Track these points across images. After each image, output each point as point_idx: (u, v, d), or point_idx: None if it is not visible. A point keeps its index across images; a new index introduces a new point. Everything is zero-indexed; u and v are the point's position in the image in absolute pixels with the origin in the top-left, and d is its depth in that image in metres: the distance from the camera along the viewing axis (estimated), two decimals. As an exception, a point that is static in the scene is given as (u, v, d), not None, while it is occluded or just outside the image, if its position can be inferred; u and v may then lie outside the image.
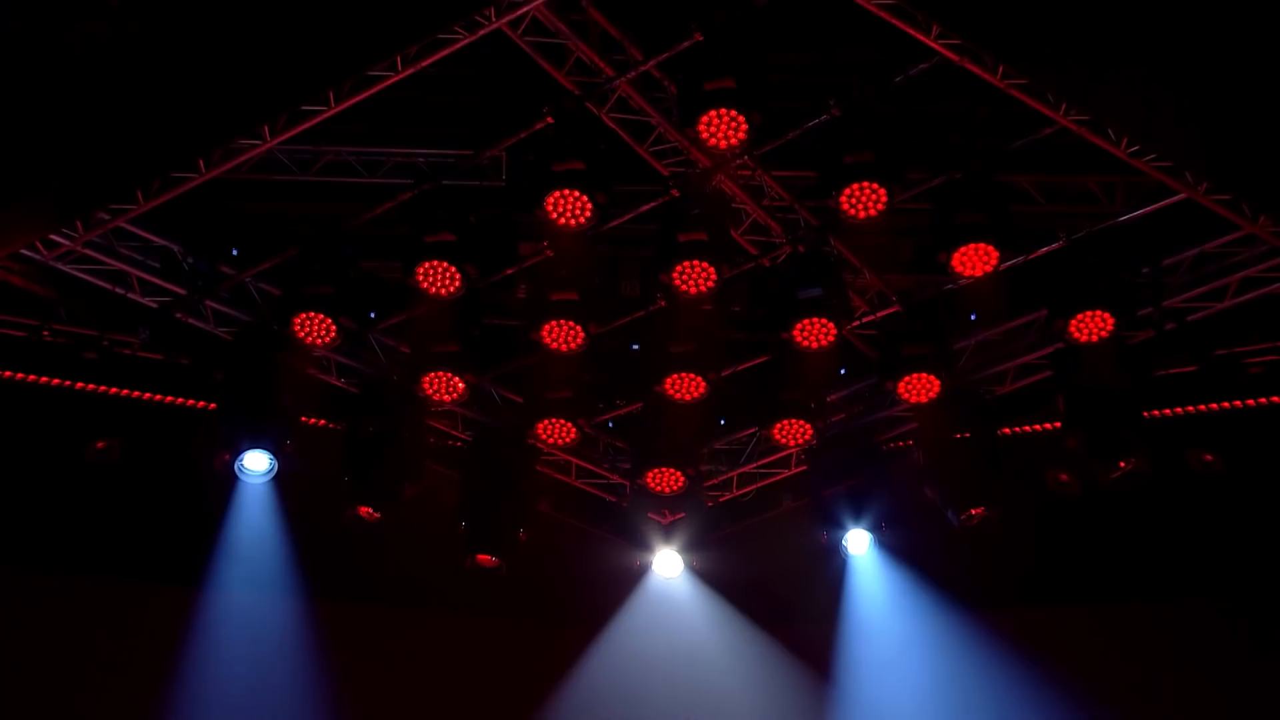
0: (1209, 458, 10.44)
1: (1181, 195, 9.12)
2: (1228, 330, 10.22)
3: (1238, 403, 10.53)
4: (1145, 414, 9.99)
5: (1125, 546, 11.65)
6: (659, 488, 10.99)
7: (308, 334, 9.62)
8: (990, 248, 9.03)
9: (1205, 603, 11.71)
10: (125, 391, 10.71)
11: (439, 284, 9.40)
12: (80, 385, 10.61)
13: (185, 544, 11.45)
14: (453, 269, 9.31)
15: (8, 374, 10.43)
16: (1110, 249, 9.43)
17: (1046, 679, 11.74)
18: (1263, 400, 10.50)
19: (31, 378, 10.47)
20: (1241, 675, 11.56)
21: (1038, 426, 11.03)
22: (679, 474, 10.87)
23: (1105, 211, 9.66)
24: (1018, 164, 9.62)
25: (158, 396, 10.81)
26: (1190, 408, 10.66)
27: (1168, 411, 10.67)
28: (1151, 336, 10.00)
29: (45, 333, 10.31)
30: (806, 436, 10.58)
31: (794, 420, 10.42)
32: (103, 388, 10.67)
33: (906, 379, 9.97)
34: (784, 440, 10.69)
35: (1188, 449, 10.58)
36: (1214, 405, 10.61)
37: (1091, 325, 9.38)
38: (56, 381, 10.53)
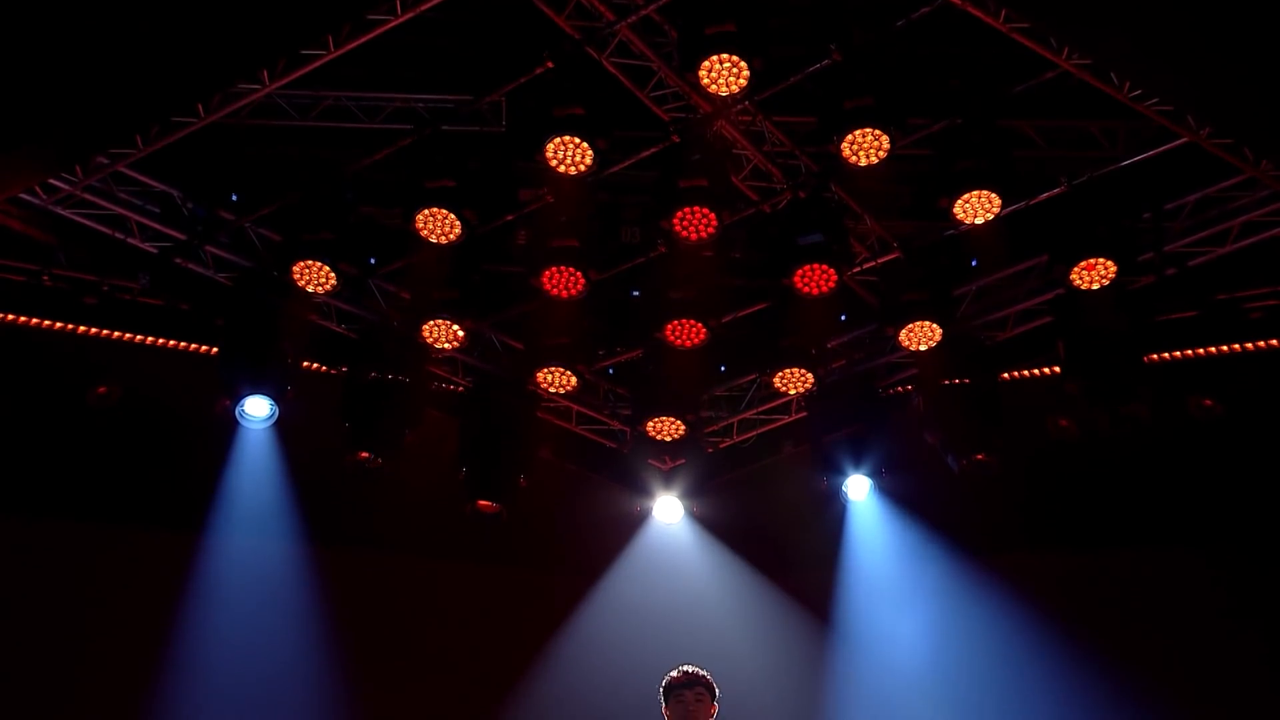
0: (1209, 403, 10.44)
1: (1183, 140, 9.10)
2: (1229, 275, 10.21)
3: (1237, 346, 10.52)
4: (1145, 359, 9.96)
5: (1124, 492, 11.68)
6: (659, 436, 11.03)
7: (307, 281, 9.63)
8: (992, 194, 9.03)
9: (1202, 549, 11.75)
10: (126, 336, 10.69)
11: (439, 231, 9.41)
12: (81, 329, 10.60)
13: (186, 489, 11.48)
14: (452, 216, 9.32)
15: (8, 318, 10.42)
16: (1112, 194, 9.42)
17: (1045, 624, 11.77)
18: (1263, 344, 10.49)
19: (33, 321, 10.46)
20: (1238, 621, 11.60)
21: (1038, 372, 11.03)
22: (679, 422, 10.89)
23: (1107, 156, 9.59)
24: (1019, 109, 9.55)
25: (158, 341, 10.80)
26: (1190, 352, 10.65)
27: (1168, 356, 10.66)
28: (1152, 282, 9.99)
29: (45, 278, 10.30)
30: (808, 385, 10.60)
31: (795, 369, 10.44)
32: (103, 332, 10.65)
33: (907, 325, 9.99)
34: (785, 388, 10.73)
35: (1188, 394, 10.57)
36: (1214, 349, 10.60)
37: (1093, 272, 9.39)
38: (57, 325, 10.52)
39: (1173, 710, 11.36)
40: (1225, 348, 10.50)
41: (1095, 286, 9.49)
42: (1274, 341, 10.45)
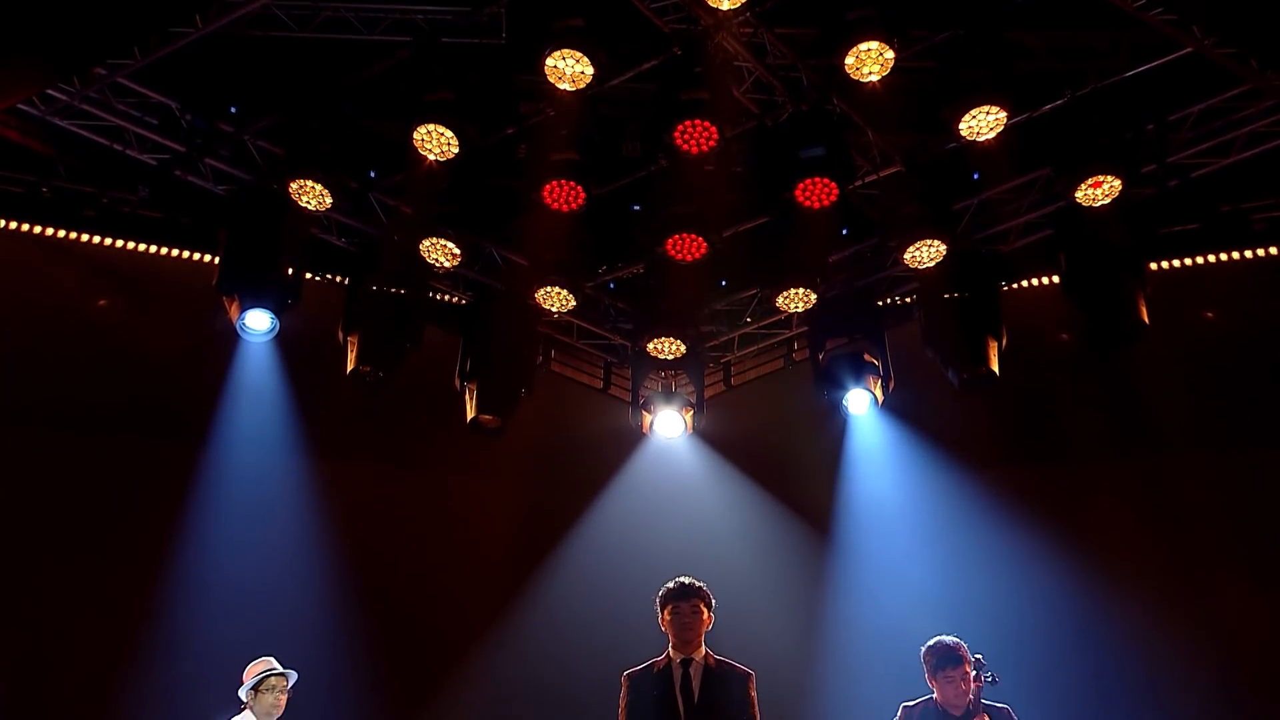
0: (1209, 315, 10.44)
1: (1188, 50, 9.04)
2: (1232, 186, 10.17)
3: (1238, 255, 10.50)
4: (1146, 271, 9.93)
5: (1125, 403, 11.74)
6: (660, 355, 11.04)
7: (305, 197, 9.60)
8: (996, 108, 8.97)
9: (1199, 457, 11.83)
10: (127, 244, 10.68)
11: (438, 147, 9.36)
12: (81, 237, 10.59)
13: (188, 402, 11.55)
14: (451, 134, 9.26)
15: (10, 225, 10.41)
16: (1115, 106, 9.36)
17: (1041, 535, 11.87)
18: (1264, 253, 10.48)
19: (35, 229, 10.45)
20: (1233, 528, 11.69)
21: (1038, 284, 11.02)
22: (679, 342, 10.90)
23: (1111, 67, 9.53)
24: (1023, 20, 9.49)
25: (159, 249, 10.79)
26: (1192, 261, 10.63)
27: (1168, 266, 10.65)
28: (1155, 194, 9.94)
29: (44, 189, 10.28)
30: (810, 304, 10.59)
31: (797, 288, 10.42)
32: (105, 240, 10.64)
33: (908, 239, 9.96)
34: (787, 307, 10.71)
35: (1188, 306, 10.57)
36: (1215, 259, 10.59)
37: (1098, 189, 9.35)
38: (58, 234, 10.51)
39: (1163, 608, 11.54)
40: (1226, 256, 10.49)
41: (1099, 202, 9.44)
42: (1276, 250, 10.45)
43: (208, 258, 10.79)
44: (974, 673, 7.78)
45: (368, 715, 11.62)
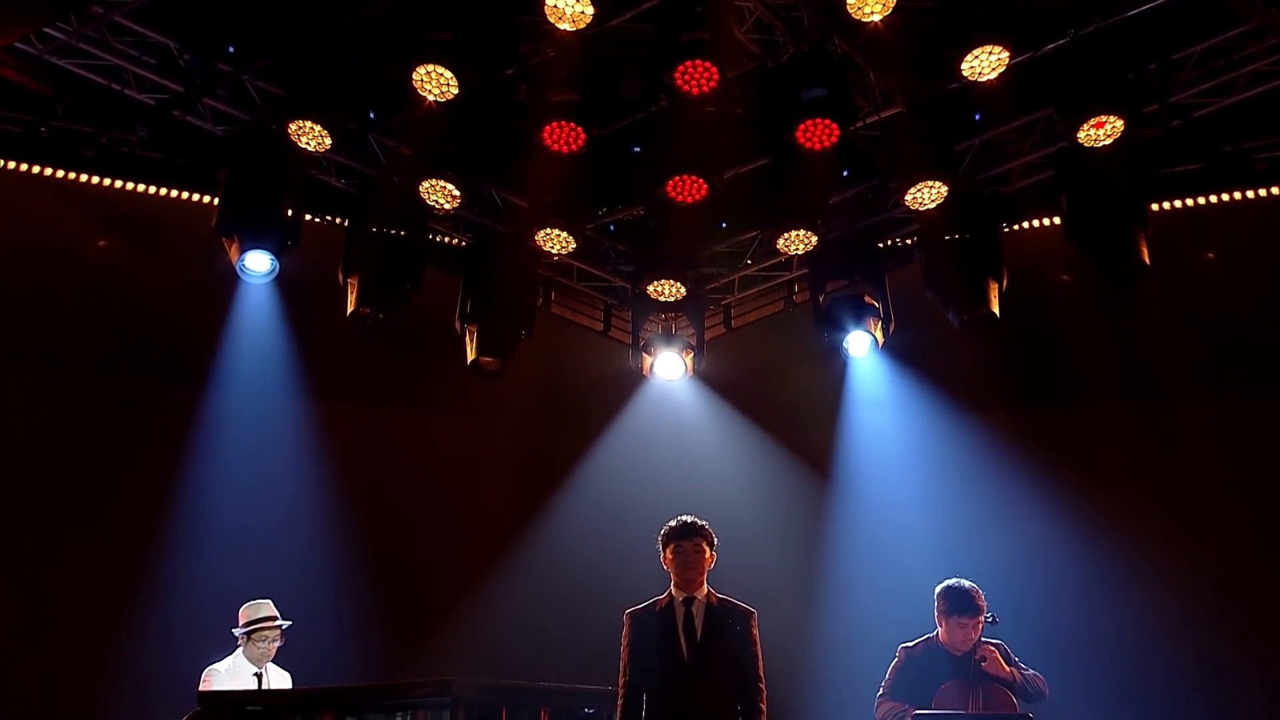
0: (1210, 255, 10.42)
1: (1191, -13, 8.99)
2: (1234, 125, 10.13)
3: (1239, 195, 10.47)
4: (1148, 211, 9.90)
5: (1125, 344, 11.75)
6: (660, 297, 11.04)
7: (305, 138, 9.57)
8: (998, 48, 8.92)
9: (1198, 397, 11.86)
10: (126, 184, 10.64)
11: (437, 88, 9.32)
12: (80, 178, 10.55)
13: (188, 343, 11.57)
14: (450, 75, 9.22)
15: (9, 165, 10.37)
16: (1118, 45, 9.29)
17: (1040, 475, 11.91)
18: (1266, 193, 10.44)
19: (34, 169, 10.41)
20: (1231, 467, 11.74)
21: (1040, 225, 11.00)
22: (679, 284, 10.89)
23: (1113, 6, 9.45)
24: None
25: (158, 190, 10.75)
26: (1193, 201, 10.60)
27: (1169, 207, 10.62)
28: (1157, 134, 9.90)
29: (43, 129, 10.23)
30: (810, 245, 10.57)
31: (798, 231, 10.40)
32: (104, 180, 10.60)
33: (909, 180, 9.94)
34: (788, 249, 10.70)
35: (1189, 247, 10.55)
36: (1216, 199, 10.55)
37: (1100, 130, 9.30)
38: (57, 174, 10.47)
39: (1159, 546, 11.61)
40: (1229, 196, 10.45)
41: (1102, 144, 9.41)
42: (1277, 190, 10.41)
43: (207, 199, 10.73)
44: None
45: (365, 655, 11.68)
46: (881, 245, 11.23)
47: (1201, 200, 10.59)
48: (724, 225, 11.55)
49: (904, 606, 8.93)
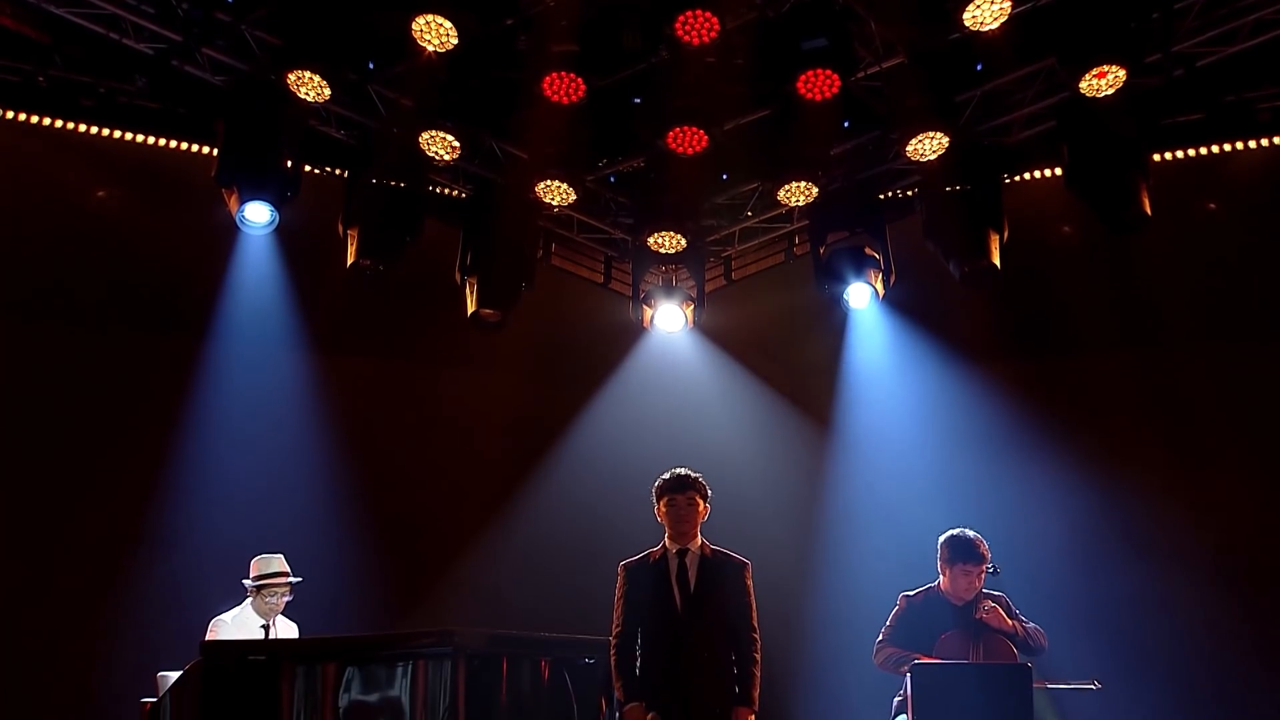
0: (1212, 206, 10.39)
1: (1195, -66, 8.92)
2: (1237, 75, 10.07)
3: (1242, 145, 10.42)
4: (1149, 162, 9.87)
5: (1126, 295, 11.75)
6: (660, 249, 11.02)
7: (304, 89, 9.53)
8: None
9: (1200, 348, 11.87)
10: (124, 134, 10.60)
11: (436, 39, 9.28)
12: (79, 127, 10.51)
13: (187, 295, 11.57)
14: (450, 25, 9.18)
15: (6, 114, 10.33)
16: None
17: (1042, 426, 11.93)
18: (1268, 143, 10.39)
19: (32, 118, 10.38)
20: (1233, 417, 11.76)
21: (1041, 177, 10.96)
22: (679, 236, 10.88)
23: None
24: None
25: (157, 140, 10.71)
26: (1195, 151, 10.56)
27: (1171, 157, 10.58)
28: (1159, 84, 9.85)
29: (41, 78, 10.18)
30: (811, 197, 10.55)
31: (799, 182, 10.37)
32: (102, 130, 10.56)
33: (911, 132, 9.90)
34: (789, 201, 10.66)
35: (1191, 197, 10.51)
36: (1219, 149, 10.51)
37: (1102, 80, 9.25)
38: (55, 123, 10.43)
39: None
40: (1231, 146, 10.40)
41: (1104, 94, 9.36)
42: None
43: (206, 149, 10.69)
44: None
45: (365, 607, 11.75)
46: (882, 197, 11.20)
47: (1204, 150, 10.54)
48: (724, 177, 11.51)
49: (902, 558, 8.98)
